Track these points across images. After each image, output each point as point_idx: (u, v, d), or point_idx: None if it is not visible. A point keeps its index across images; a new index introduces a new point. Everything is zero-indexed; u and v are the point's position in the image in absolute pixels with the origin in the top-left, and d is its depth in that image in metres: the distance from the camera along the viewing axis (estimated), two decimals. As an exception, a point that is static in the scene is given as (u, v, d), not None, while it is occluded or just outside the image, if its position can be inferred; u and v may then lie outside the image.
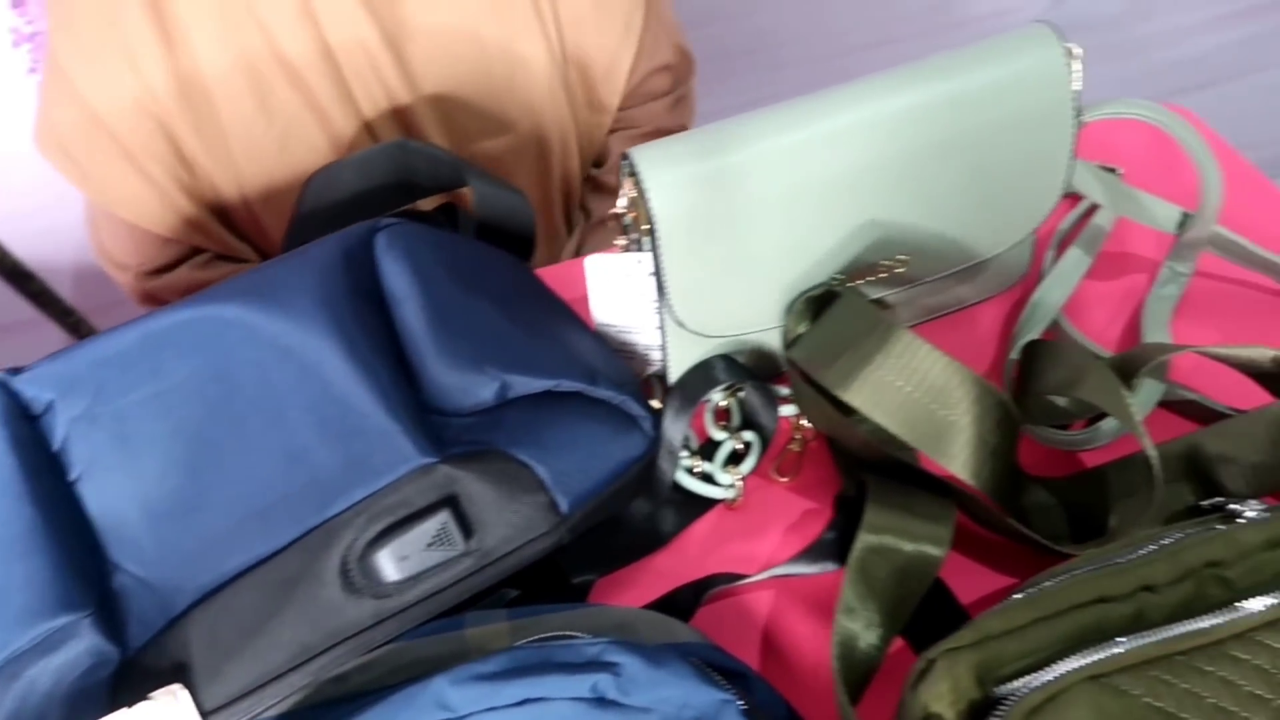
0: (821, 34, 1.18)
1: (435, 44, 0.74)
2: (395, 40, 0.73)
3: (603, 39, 0.78)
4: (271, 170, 0.76)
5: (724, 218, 0.49)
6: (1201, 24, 1.33)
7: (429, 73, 0.75)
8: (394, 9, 0.72)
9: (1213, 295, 0.59)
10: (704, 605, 0.49)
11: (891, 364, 0.45)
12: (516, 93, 0.79)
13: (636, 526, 0.52)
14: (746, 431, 0.55)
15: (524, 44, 0.76)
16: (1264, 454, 0.48)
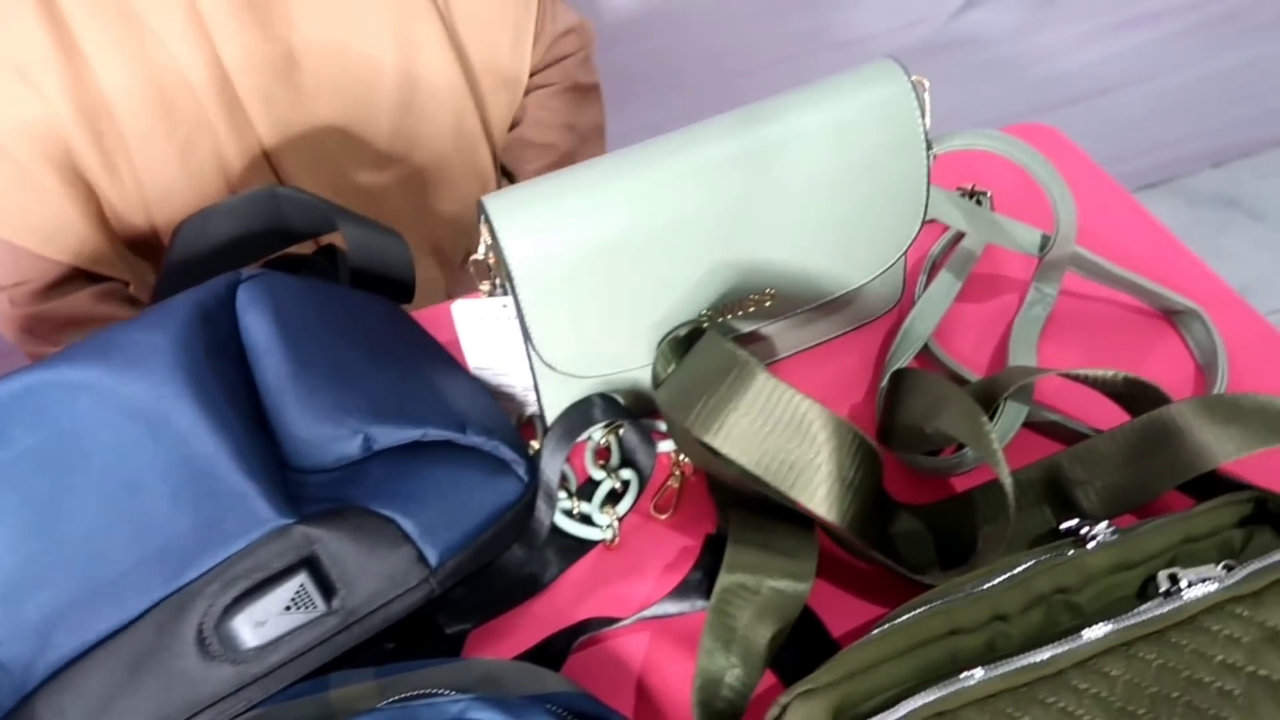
0: (722, 55, 1.19)
1: (327, 65, 0.73)
2: (286, 61, 0.72)
3: (502, 23, 0.78)
4: (177, 192, 0.75)
5: (583, 261, 0.49)
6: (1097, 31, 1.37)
7: (320, 95, 0.74)
8: (286, 29, 0.71)
9: (1079, 314, 0.60)
10: (579, 650, 0.49)
11: (748, 405, 0.46)
12: (418, 116, 0.78)
13: (514, 572, 0.52)
14: (625, 470, 0.55)
15: (426, 64, 0.76)
16: (1117, 474, 0.49)
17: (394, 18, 0.73)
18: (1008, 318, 0.60)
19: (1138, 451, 0.49)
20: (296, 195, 0.60)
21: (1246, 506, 0.45)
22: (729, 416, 0.46)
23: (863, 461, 0.46)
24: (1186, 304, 0.57)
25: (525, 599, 0.51)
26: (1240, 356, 0.57)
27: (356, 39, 0.73)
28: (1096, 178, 0.68)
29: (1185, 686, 0.38)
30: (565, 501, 0.54)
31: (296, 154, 0.76)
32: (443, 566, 0.48)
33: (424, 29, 0.75)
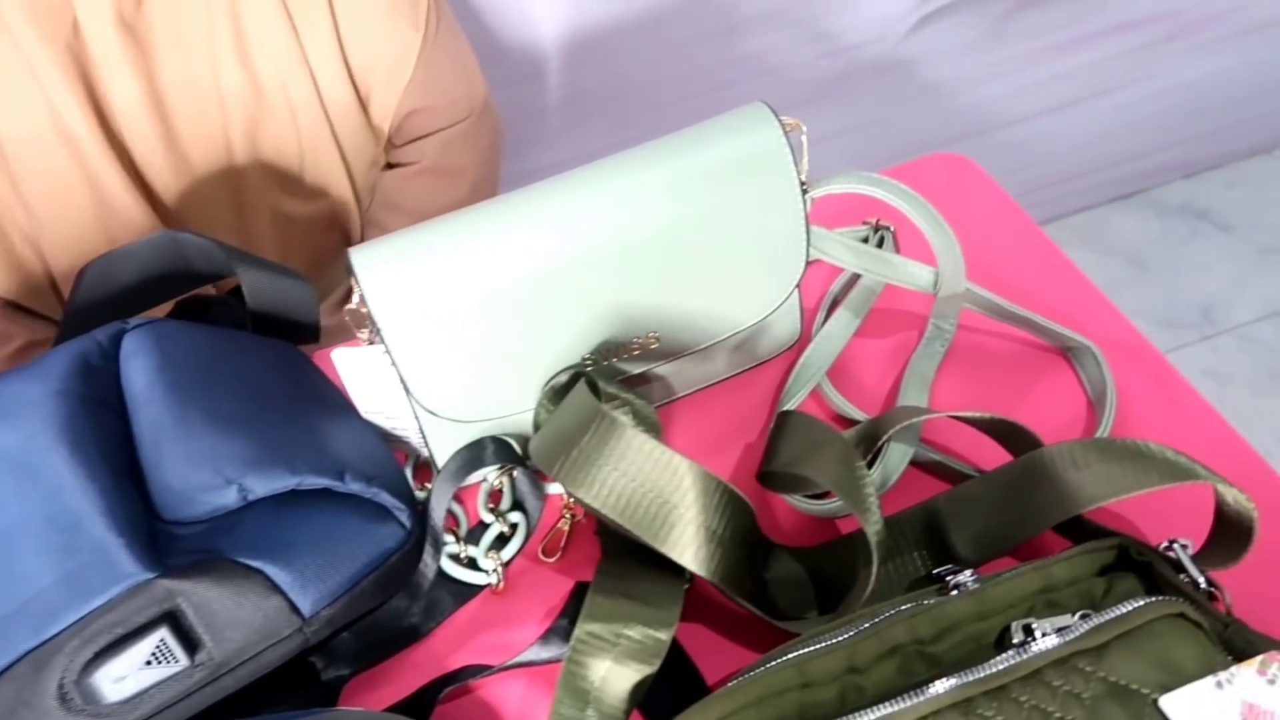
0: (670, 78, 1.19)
1: (204, 101, 0.74)
2: (159, 100, 0.73)
3: (379, 62, 0.78)
4: (76, 237, 0.76)
5: (455, 311, 0.49)
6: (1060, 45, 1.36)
7: (197, 133, 0.75)
8: (160, 67, 0.72)
9: (977, 350, 0.60)
10: (452, 699, 0.49)
11: (613, 459, 0.46)
12: (313, 147, 0.79)
13: (396, 619, 0.52)
14: (515, 513, 0.55)
15: (314, 94, 0.76)
16: (990, 519, 0.49)
17: (278, 53, 0.74)
18: (907, 354, 0.60)
19: (1011, 495, 0.48)
20: (196, 239, 0.60)
21: (1108, 554, 0.45)
22: (594, 470, 0.46)
23: (731, 515, 0.46)
24: (1080, 340, 0.57)
25: (407, 645, 0.52)
26: (1133, 393, 0.56)
27: (231, 72, 0.74)
28: (1007, 209, 0.68)
29: (1022, 743, 0.38)
30: (453, 546, 0.54)
31: (195, 191, 0.77)
32: (317, 616, 0.48)
33: (313, 64, 0.75)
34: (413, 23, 0.78)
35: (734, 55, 1.21)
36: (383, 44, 0.78)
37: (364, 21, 0.77)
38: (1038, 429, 0.56)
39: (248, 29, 0.74)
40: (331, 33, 0.76)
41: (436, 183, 0.85)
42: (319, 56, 0.76)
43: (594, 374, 0.53)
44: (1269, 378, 1.39)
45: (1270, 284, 1.49)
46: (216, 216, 0.81)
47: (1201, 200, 1.61)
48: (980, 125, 1.43)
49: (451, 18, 0.85)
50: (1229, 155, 1.66)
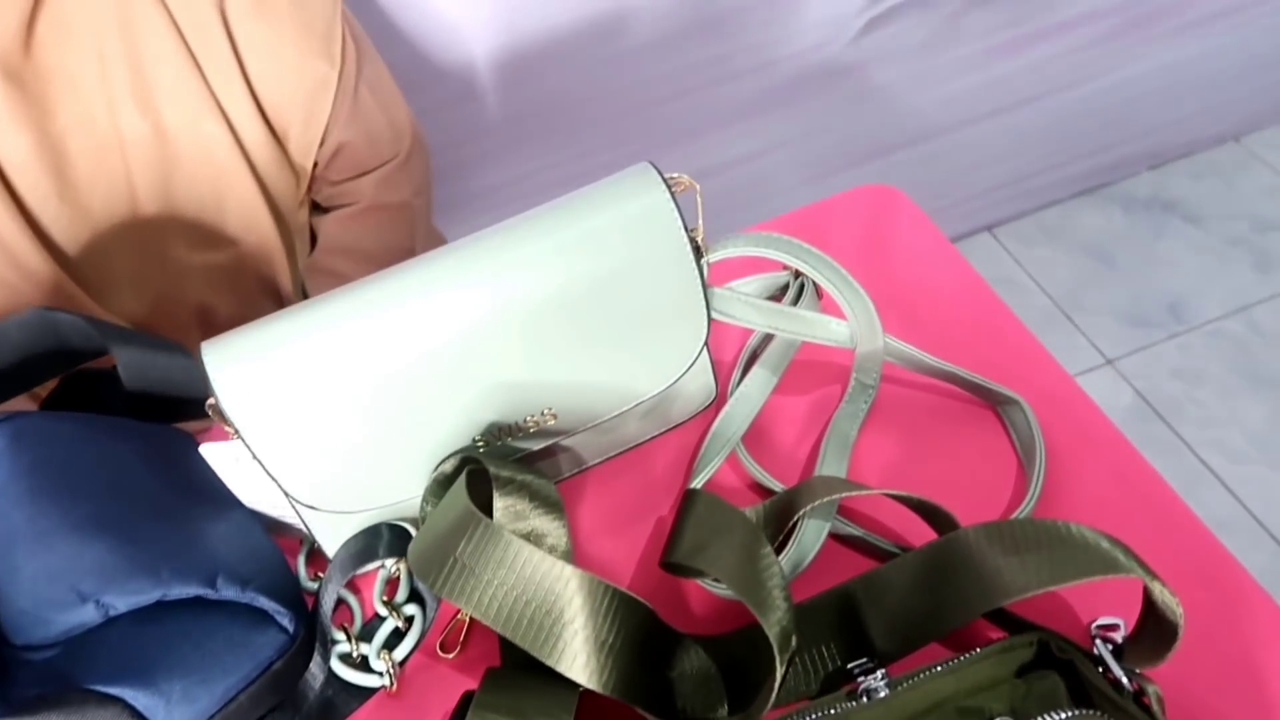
0: (616, 90, 1.15)
1: (88, 153, 0.71)
2: (51, 149, 0.69)
3: (294, 104, 0.75)
4: None
5: (323, 401, 0.45)
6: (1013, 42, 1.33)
7: (97, 183, 0.72)
8: (40, 115, 0.68)
9: (903, 405, 0.57)
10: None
11: (493, 569, 0.42)
12: (220, 194, 0.76)
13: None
14: (411, 605, 0.52)
15: (206, 126, 0.73)
16: (907, 607, 0.46)
17: (184, 97, 0.70)
18: (829, 411, 0.57)
19: (928, 582, 0.45)
20: (66, 316, 0.57)
21: (1027, 651, 0.42)
22: (473, 581, 0.42)
23: (623, 621, 0.43)
24: (1008, 394, 0.54)
25: (295, 757, 0.48)
26: (1064, 448, 0.53)
27: (131, 119, 0.71)
28: (936, 245, 0.64)
29: None
30: (344, 645, 0.51)
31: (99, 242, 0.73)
32: (187, 738, 0.45)
33: (224, 106, 0.72)
34: (326, 57, 0.74)
35: (675, 67, 1.17)
36: (295, 81, 0.74)
37: (272, 60, 0.73)
38: (965, 488, 0.53)
39: (148, 75, 0.70)
40: (238, 74, 0.72)
41: (379, 219, 0.82)
42: (229, 98, 0.72)
43: (486, 456, 0.49)
44: (1239, 376, 1.36)
45: (1239, 277, 1.46)
46: (126, 268, 0.78)
47: (1169, 192, 1.58)
48: (937, 126, 1.39)
49: (370, 49, 0.81)
50: (1195, 144, 1.62)
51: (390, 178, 0.82)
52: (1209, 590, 0.48)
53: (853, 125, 1.34)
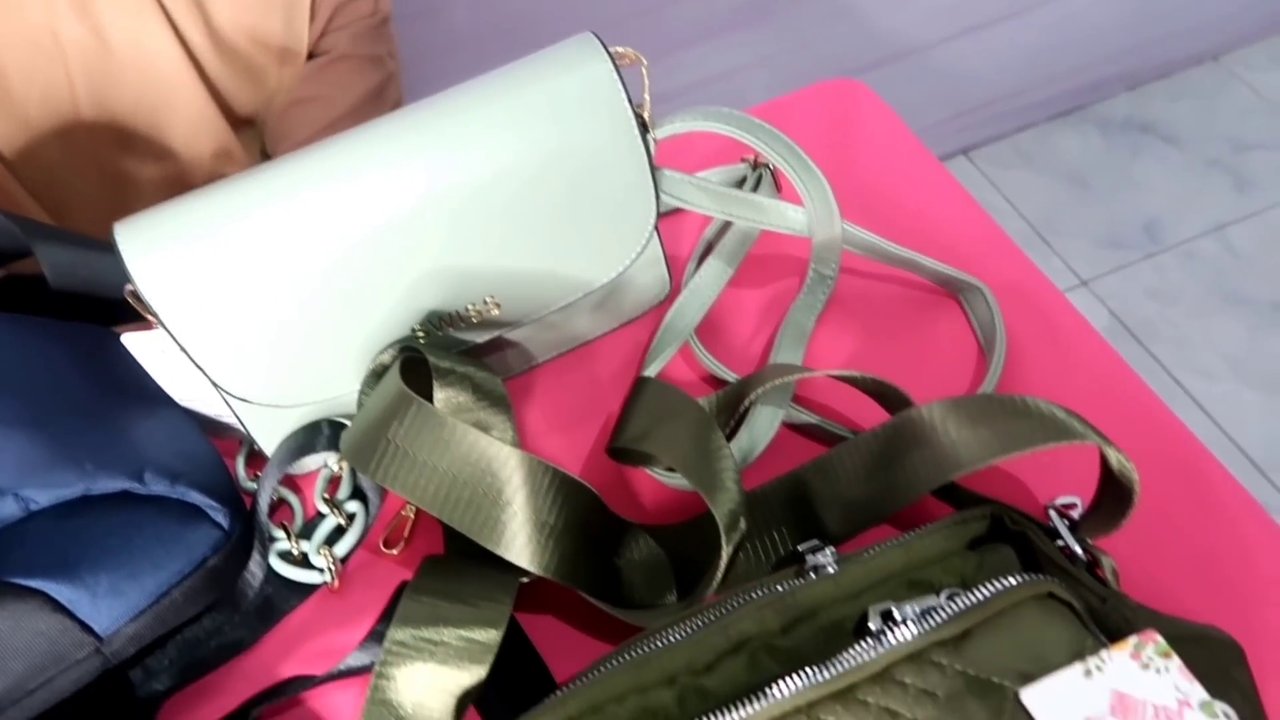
0: (583, 8, 1.11)
1: (25, 62, 0.67)
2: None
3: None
4: None
5: (249, 287, 0.43)
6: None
7: (32, 93, 0.68)
8: None
9: (863, 295, 0.55)
10: (281, 712, 0.44)
11: (429, 451, 0.41)
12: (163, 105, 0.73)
13: (223, 625, 0.47)
14: (353, 502, 0.50)
15: (148, 30, 0.69)
16: (859, 488, 0.44)
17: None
18: (786, 304, 0.55)
19: (881, 462, 0.44)
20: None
21: (980, 525, 0.40)
22: (409, 464, 0.41)
23: (565, 504, 0.42)
24: (969, 280, 0.52)
25: (235, 655, 0.47)
26: (1027, 336, 0.52)
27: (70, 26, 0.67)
28: (902, 138, 0.62)
29: (869, 751, 0.34)
30: (284, 543, 0.49)
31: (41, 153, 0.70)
32: (117, 634, 0.43)
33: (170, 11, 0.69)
34: None
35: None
36: None
37: None
38: (924, 377, 0.51)
39: None
40: None
41: (351, 67, 0.79)
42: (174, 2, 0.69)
43: (426, 347, 0.47)
44: (1213, 297, 1.35)
45: (1215, 197, 1.45)
46: (74, 181, 0.75)
47: (1146, 113, 1.56)
48: (911, 44, 1.36)
49: None
50: (1173, 65, 1.60)
51: (366, 33, 0.79)
52: (1168, 466, 0.47)
53: (825, 44, 1.31)
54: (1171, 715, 0.33)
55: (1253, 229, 1.41)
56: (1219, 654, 0.37)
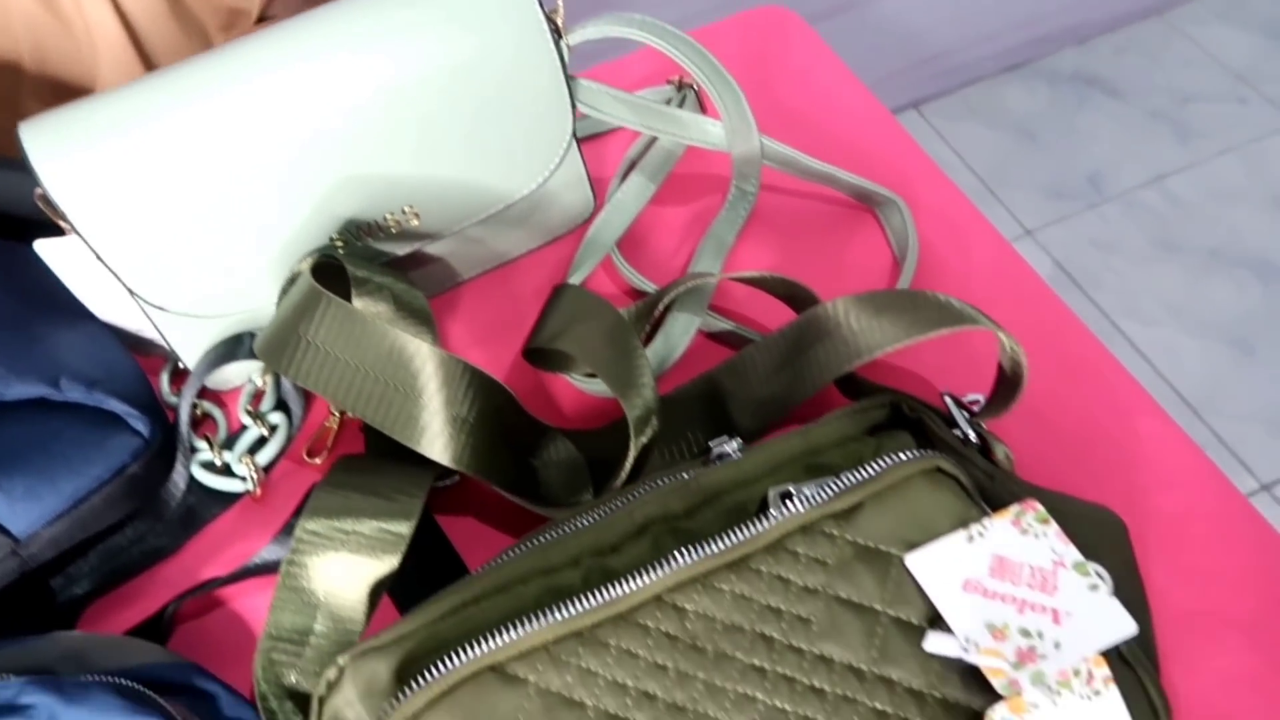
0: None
1: None
2: None
3: None
4: None
5: (162, 193, 0.43)
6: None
7: None
8: None
9: (783, 211, 0.56)
10: (200, 614, 0.45)
11: (342, 348, 0.41)
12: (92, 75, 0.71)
13: (145, 532, 0.48)
14: (276, 414, 0.50)
15: None
16: (768, 384, 0.45)
17: None
18: (710, 219, 0.56)
19: (788, 357, 0.45)
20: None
21: (880, 412, 0.42)
22: (323, 361, 0.41)
23: (480, 401, 0.42)
24: (885, 193, 0.53)
25: (157, 561, 0.47)
26: (941, 248, 0.53)
27: None
28: (828, 63, 0.63)
29: (759, 617, 0.35)
30: (207, 453, 0.49)
31: None
32: (34, 537, 0.43)
33: None
34: None
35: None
36: None
37: None
38: (840, 288, 0.52)
39: None
40: None
41: None
42: None
43: (346, 257, 0.48)
44: (1155, 245, 1.38)
45: (1158, 148, 1.47)
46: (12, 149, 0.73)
47: (1092, 67, 1.58)
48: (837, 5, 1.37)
49: None
50: (1119, 19, 1.62)
51: None
52: (1068, 363, 0.49)
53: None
54: (1046, 575, 0.35)
55: (1193, 179, 1.43)
56: (1102, 528, 0.39)
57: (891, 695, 0.34)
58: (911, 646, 0.35)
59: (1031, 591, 0.34)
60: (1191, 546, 0.42)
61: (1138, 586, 0.38)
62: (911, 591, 0.35)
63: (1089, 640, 0.33)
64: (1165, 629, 0.40)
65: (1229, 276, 1.34)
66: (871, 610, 0.35)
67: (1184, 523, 0.43)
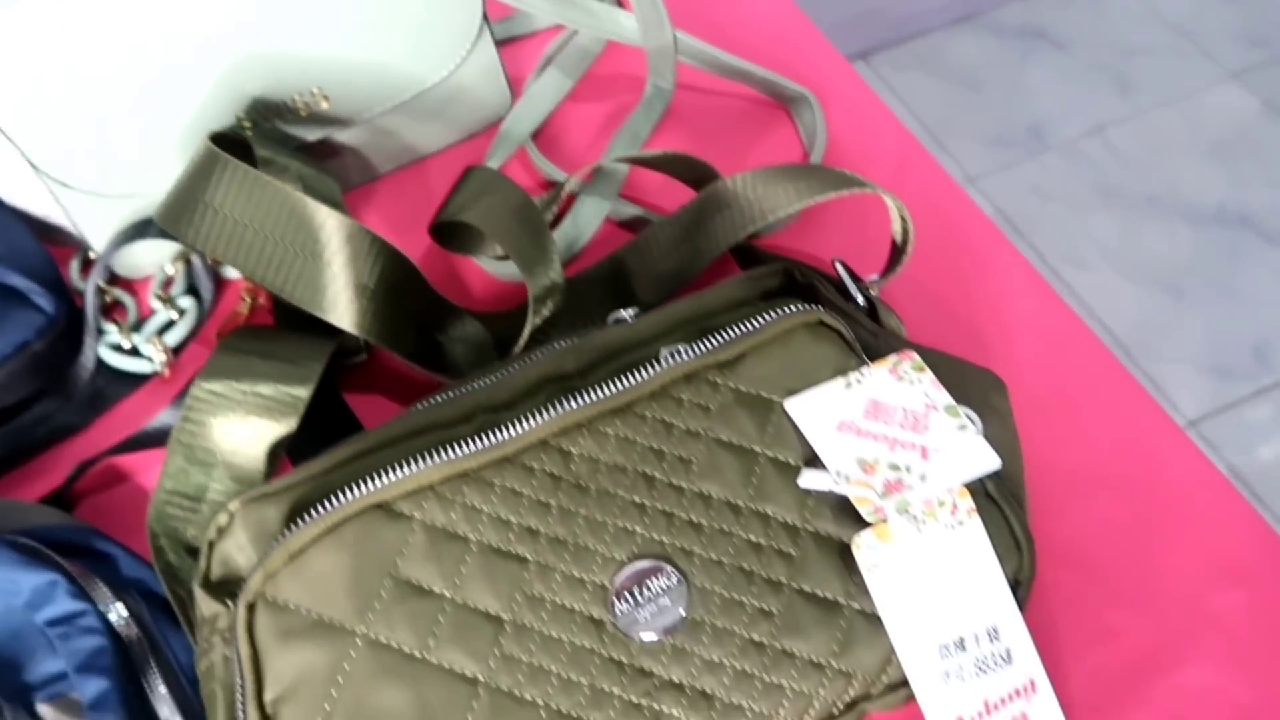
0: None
1: None
2: None
3: None
4: None
5: (61, 62, 0.43)
6: None
7: None
8: None
9: (697, 108, 0.57)
10: (108, 485, 0.45)
11: (245, 209, 0.41)
12: None
13: (53, 410, 0.48)
14: (186, 298, 0.51)
15: None
16: (669, 261, 0.46)
17: None
18: (626, 116, 0.56)
19: (689, 231, 0.46)
20: None
21: (773, 279, 0.43)
22: (226, 225, 0.41)
23: (384, 268, 0.43)
24: (796, 89, 0.54)
25: (63, 439, 0.47)
26: (849, 143, 0.54)
27: None
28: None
29: (641, 458, 0.36)
30: (115, 335, 0.49)
31: None
32: (-65, 409, 0.43)
33: None
34: None
35: None
36: None
37: None
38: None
39: None
40: None
41: None
42: None
43: (255, 139, 0.48)
44: (1092, 193, 1.40)
45: (1099, 99, 1.50)
46: None
47: (1039, 19, 1.60)
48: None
49: None
50: (1066, -27, 1.64)
51: None
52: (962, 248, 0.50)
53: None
54: (919, 417, 0.36)
55: (1132, 130, 1.46)
56: (981, 383, 0.40)
57: (766, 529, 0.35)
58: (788, 485, 0.36)
59: (903, 431, 0.36)
60: (1070, 412, 0.44)
61: (1013, 441, 0.40)
62: (790, 435, 0.37)
63: (954, 473, 0.35)
64: (1041, 485, 0.42)
65: (1163, 224, 1.37)
66: (751, 452, 0.36)
67: (1065, 391, 0.45)
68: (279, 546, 0.34)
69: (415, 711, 0.32)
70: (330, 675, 0.33)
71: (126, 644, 0.39)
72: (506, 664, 0.33)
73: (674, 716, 0.33)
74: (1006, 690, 0.34)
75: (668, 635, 0.34)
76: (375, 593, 0.34)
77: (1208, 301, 1.30)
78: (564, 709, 0.33)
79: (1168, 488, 0.42)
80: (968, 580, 0.35)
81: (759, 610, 0.34)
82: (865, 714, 0.35)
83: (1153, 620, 0.39)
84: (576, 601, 0.34)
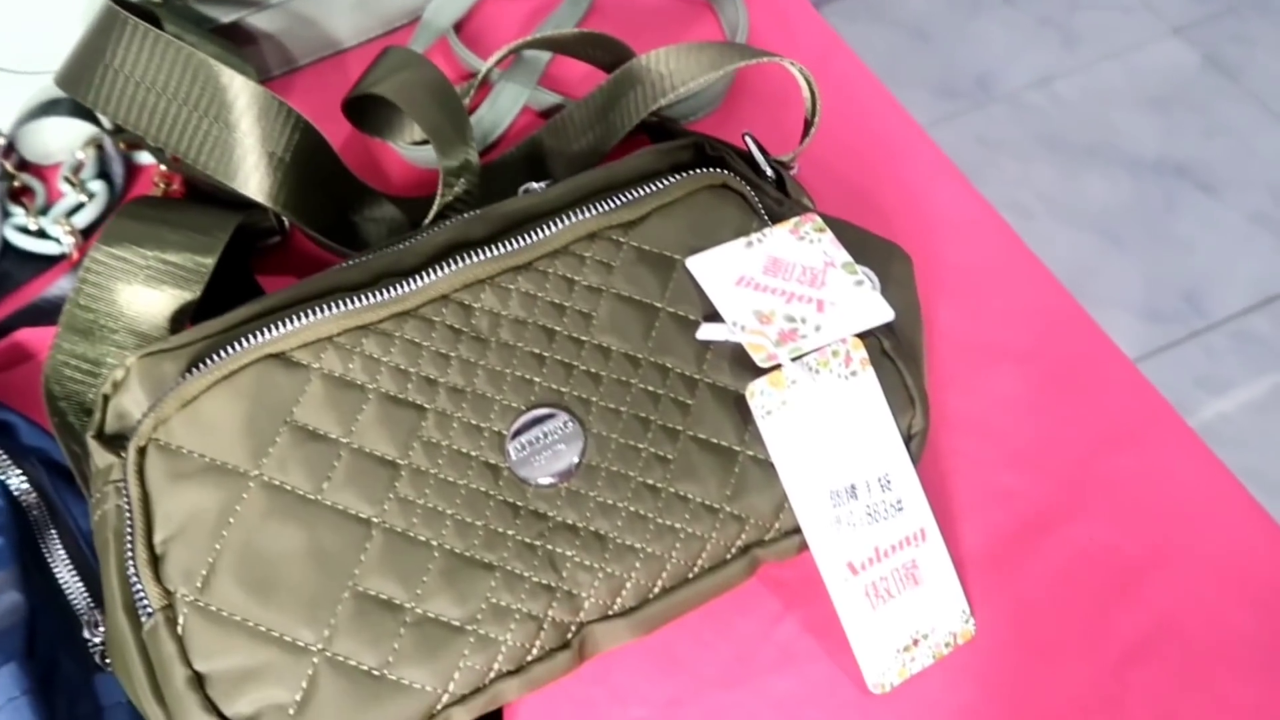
0: None
1: None
2: None
3: None
4: None
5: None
6: None
7: None
8: None
9: (622, 6, 0.56)
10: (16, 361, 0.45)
11: (150, 72, 0.40)
12: None
13: (-47, 292, 0.47)
14: (97, 183, 0.50)
15: None
16: (584, 138, 0.46)
17: None
18: (550, 13, 0.56)
19: (606, 107, 0.46)
20: None
21: (684, 153, 0.43)
22: (130, 88, 0.40)
23: (295, 138, 0.42)
24: (719, -16, 0.54)
25: (-33, 320, 0.47)
26: (766, 33, 0.54)
27: None
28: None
29: (543, 313, 0.36)
30: (22, 217, 0.48)
31: None
32: None
33: None
34: None
35: None
36: None
37: None
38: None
39: None
40: None
41: None
42: None
43: (165, 12, 0.47)
44: (1036, 143, 1.42)
45: (1046, 51, 1.51)
46: None
47: (987, -28, 1.60)
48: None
49: None
50: (1016, -73, 1.64)
51: None
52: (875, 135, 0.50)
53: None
54: (816, 273, 0.36)
55: (1076, 82, 1.48)
56: (884, 252, 0.41)
57: (664, 379, 0.35)
58: (687, 339, 0.36)
59: (800, 285, 0.36)
60: (975, 290, 0.45)
61: (913, 307, 0.40)
62: (691, 292, 0.37)
63: (848, 323, 0.35)
64: (943, 358, 0.43)
65: (1103, 173, 1.39)
66: (652, 307, 0.37)
67: (971, 271, 0.46)
68: (172, 393, 0.34)
69: (308, 551, 0.32)
70: (222, 516, 0.33)
71: (24, 509, 0.39)
72: (402, 506, 0.33)
73: (567, 557, 0.33)
74: (897, 538, 0.35)
75: (563, 480, 0.34)
76: (270, 438, 0.34)
77: (1144, 248, 1.32)
78: (458, 549, 0.33)
79: (1064, 360, 0.43)
80: (860, 430, 0.35)
81: (654, 456, 0.34)
82: (759, 561, 0.35)
83: (1045, 481, 0.40)
84: (473, 448, 0.34)
